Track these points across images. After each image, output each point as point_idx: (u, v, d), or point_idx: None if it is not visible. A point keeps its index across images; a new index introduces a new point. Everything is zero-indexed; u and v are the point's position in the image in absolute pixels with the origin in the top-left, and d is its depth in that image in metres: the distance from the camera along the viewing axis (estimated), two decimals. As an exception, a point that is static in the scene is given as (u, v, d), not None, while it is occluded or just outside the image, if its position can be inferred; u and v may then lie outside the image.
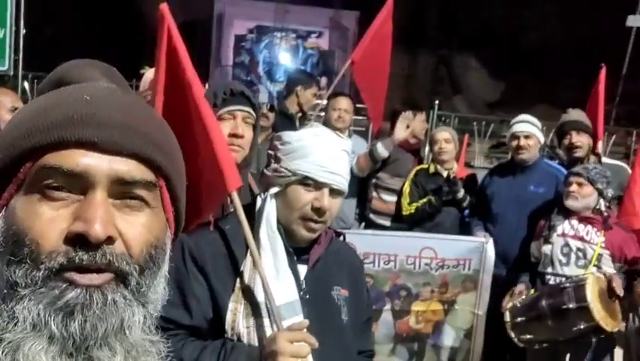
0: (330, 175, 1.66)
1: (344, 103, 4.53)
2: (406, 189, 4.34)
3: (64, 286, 0.65)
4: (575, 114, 4.22)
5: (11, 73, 7.83)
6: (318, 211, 1.66)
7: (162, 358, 0.74)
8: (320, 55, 22.08)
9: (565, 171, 3.83)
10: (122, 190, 0.70)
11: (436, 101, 14.96)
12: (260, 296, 1.66)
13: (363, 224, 4.64)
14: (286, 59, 21.96)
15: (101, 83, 0.78)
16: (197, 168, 1.87)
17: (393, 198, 4.46)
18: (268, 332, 1.64)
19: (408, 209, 4.29)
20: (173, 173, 0.77)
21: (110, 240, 0.67)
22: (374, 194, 4.52)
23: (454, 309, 4.01)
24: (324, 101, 4.79)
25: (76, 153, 0.68)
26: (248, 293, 1.66)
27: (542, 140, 4.16)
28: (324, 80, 19.11)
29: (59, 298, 0.65)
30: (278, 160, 1.71)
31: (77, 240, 0.66)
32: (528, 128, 4.03)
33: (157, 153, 0.74)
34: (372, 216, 4.50)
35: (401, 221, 4.35)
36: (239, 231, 1.72)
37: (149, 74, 4.16)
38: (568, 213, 3.56)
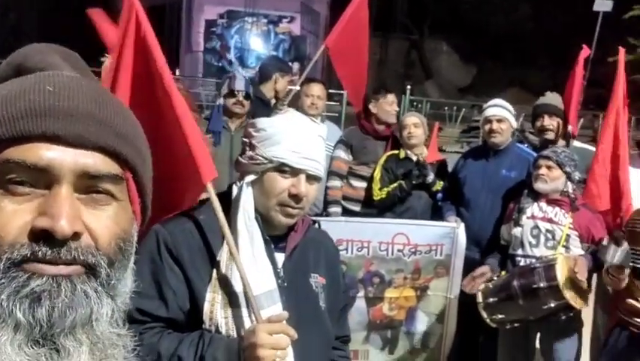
0: (306, 161, 1.65)
1: (317, 89, 4.52)
2: (377, 174, 4.36)
3: (27, 275, 0.64)
4: (550, 98, 4.26)
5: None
6: (296, 198, 1.64)
7: (129, 352, 0.74)
8: (292, 40, 21.94)
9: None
10: (88, 184, 0.69)
11: (408, 86, 15.00)
12: (237, 286, 1.64)
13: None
14: (258, 45, 21.77)
15: (65, 72, 0.75)
16: (171, 161, 1.83)
17: (362, 184, 4.48)
18: (246, 321, 1.63)
19: (379, 194, 4.31)
20: (140, 164, 0.76)
21: (76, 235, 0.66)
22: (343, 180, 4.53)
23: (427, 295, 4.04)
24: (297, 88, 4.77)
25: (40, 147, 0.66)
26: (225, 283, 1.65)
27: (515, 124, 4.20)
28: (296, 66, 19.01)
29: (24, 287, 0.63)
30: (253, 147, 1.69)
31: (42, 235, 0.64)
32: (500, 112, 4.07)
33: (123, 146, 0.72)
34: (342, 202, 4.51)
35: (371, 206, 4.37)
36: (215, 220, 1.70)
37: (108, 62, 4.11)
38: (537, 196, 3.62)
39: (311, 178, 1.68)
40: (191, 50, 21.90)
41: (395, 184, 4.26)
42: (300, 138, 1.66)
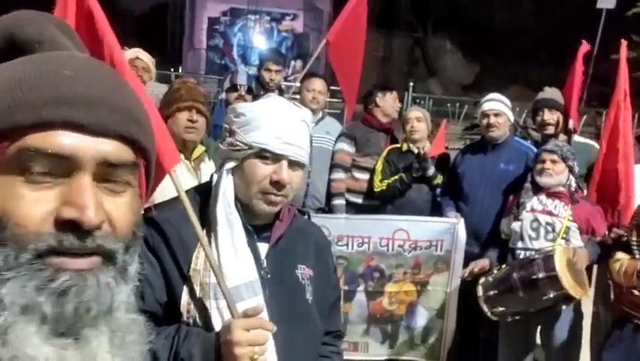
0: (287, 146, 1.56)
1: (318, 84, 4.54)
2: (379, 167, 4.38)
3: (53, 270, 0.63)
4: (550, 92, 4.25)
5: None
6: (278, 185, 1.57)
7: (144, 338, 0.74)
8: (294, 37, 21.96)
9: (535, 150, 3.87)
10: (107, 172, 0.68)
11: (411, 83, 15.00)
12: (215, 277, 1.58)
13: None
14: (260, 42, 21.79)
15: (76, 53, 0.74)
16: None
17: (365, 176, 4.50)
18: (225, 313, 1.54)
19: (379, 186, 4.33)
20: (151, 150, 0.76)
21: (99, 224, 0.66)
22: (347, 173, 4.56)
23: (427, 290, 4.06)
24: (298, 83, 4.79)
25: (62, 135, 0.65)
26: (203, 274, 1.58)
27: (512, 118, 4.20)
28: (299, 63, 19.04)
29: (51, 282, 0.63)
30: (232, 133, 1.61)
31: (68, 225, 0.64)
32: (497, 106, 4.06)
33: (140, 132, 0.72)
34: (346, 194, 4.53)
35: (373, 198, 4.40)
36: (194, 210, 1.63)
37: (128, 54, 4.15)
38: (536, 190, 3.63)
39: (294, 164, 1.60)
40: (194, 48, 21.95)
41: (396, 176, 4.28)
42: (281, 123, 1.57)
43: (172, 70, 16.84)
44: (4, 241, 0.62)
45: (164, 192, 1.83)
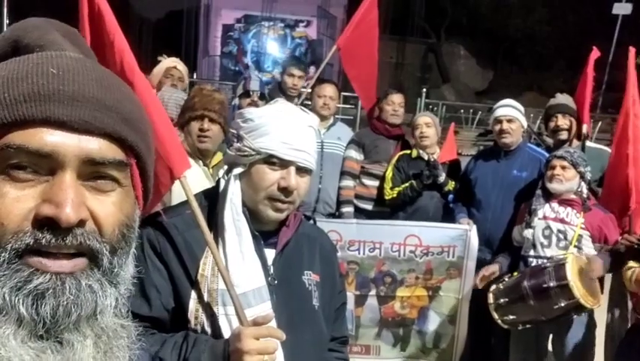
0: (295, 152, 1.55)
1: (329, 90, 4.54)
2: (389, 174, 4.37)
3: (30, 271, 0.62)
4: (562, 98, 4.22)
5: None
6: (285, 191, 1.55)
7: (133, 342, 0.73)
8: (308, 44, 22.01)
9: (548, 156, 3.86)
10: (93, 170, 0.67)
11: (424, 89, 14.97)
12: (223, 284, 1.56)
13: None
14: (274, 49, 21.87)
15: (67, 53, 0.72)
16: None
17: (374, 183, 4.49)
18: (234, 320, 1.53)
19: (390, 194, 4.32)
20: (145, 150, 0.74)
21: (81, 222, 0.64)
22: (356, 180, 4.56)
23: (439, 295, 4.05)
24: (309, 90, 4.80)
25: (44, 132, 0.64)
26: (211, 280, 1.56)
27: (525, 124, 4.17)
28: (312, 70, 19.04)
29: (27, 283, 0.62)
30: (240, 139, 1.59)
31: (46, 223, 0.62)
32: (510, 112, 4.04)
33: (129, 131, 0.71)
34: (355, 200, 4.53)
35: (384, 205, 4.38)
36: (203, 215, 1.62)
37: (167, 62, 4.21)
38: (548, 197, 3.60)
39: (302, 171, 1.59)
40: (209, 54, 22.08)
41: (406, 184, 4.26)
42: (289, 129, 1.56)
43: (186, 76, 16.92)
44: None
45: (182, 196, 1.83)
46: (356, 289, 3.99)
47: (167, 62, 4.24)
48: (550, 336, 3.64)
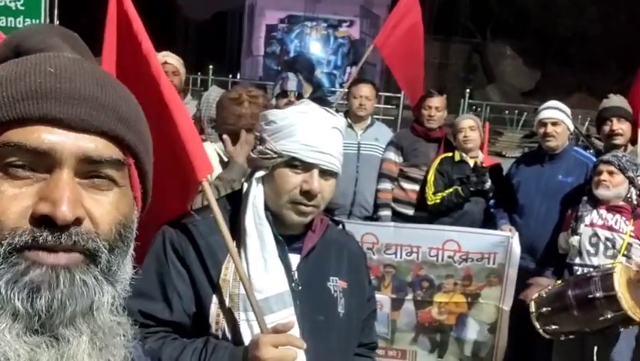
0: (318, 155, 1.52)
1: (365, 90, 4.49)
2: (431, 178, 4.27)
3: (27, 263, 0.63)
4: (616, 100, 4.07)
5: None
6: (308, 194, 1.52)
7: (129, 340, 0.72)
8: (351, 44, 22.00)
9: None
10: (90, 169, 0.68)
11: (467, 90, 14.72)
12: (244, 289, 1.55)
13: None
14: (317, 49, 21.95)
15: (65, 54, 0.74)
16: (165, 156, 1.68)
17: (412, 187, 4.42)
18: (255, 326, 1.51)
19: (433, 199, 4.22)
20: (142, 150, 0.75)
21: (77, 220, 0.65)
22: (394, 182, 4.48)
23: (479, 303, 3.94)
24: (345, 90, 4.77)
25: (41, 130, 0.65)
26: (233, 285, 1.55)
27: (572, 127, 4.04)
28: (355, 70, 19.04)
29: (23, 275, 0.62)
30: (263, 141, 1.58)
31: (42, 220, 0.63)
32: (556, 114, 3.92)
33: (126, 131, 0.71)
34: (392, 204, 4.46)
35: (424, 210, 4.30)
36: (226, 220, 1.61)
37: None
38: (596, 203, 3.48)
39: (326, 173, 1.55)
40: (252, 54, 22.34)
41: (450, 189, 4.16)
42: (312, 131, 1.53)
43: (230, 76, 17.22)
44: None
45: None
46: (392, 292, 3.93)
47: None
48: (596, 348, 3.49)
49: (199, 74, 15.38)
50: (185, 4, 29.11)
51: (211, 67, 13.37)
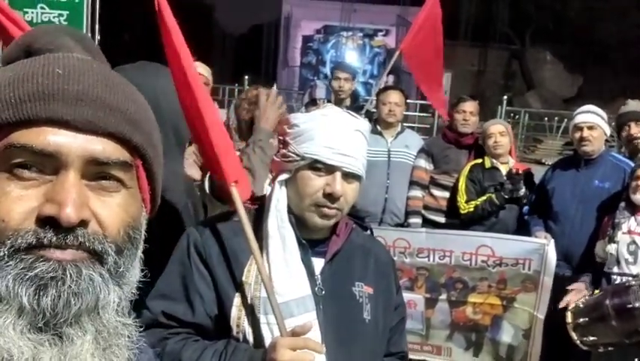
0: (340, 157, 1.52)
1: (394, 96, 4.48)
2: (462, 185, 4.21)
3: (33, 258, 0.63)
4: (634, 105, 4.07)
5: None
6: (331, 197, 1.52)
7: (133, 342, 0.72)
8: (387, 53, 21.92)
9: (634, 166, 3.61)
10: (97, 171, 0.68)
11: (504, 97, 14.47)
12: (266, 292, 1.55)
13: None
14: (353, 58, 21.94)
15: (75, 54, 0.74)
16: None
17: (443, 194, 4.38)
18: (275, 329, 1.51)
19: (466, 208, 4.16)
20: (150, 152, 0.74)
21: (83, 222, 0.64)
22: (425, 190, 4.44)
23: (514, 307, 3.87)
24: (374, 98, 4.76)
25: (48, 132, 0.65)
26: (254, 288, 1.55)
27: (608, 131, 3.94)
28: (391, 79, 18.93)
29: (30, 270, 0.62)
30: (286, 145, 1.59)
31: (48, 222, 0.63)
32: (592, 118, 3.84)
33: (134, 132, 0.71)
34: (423, 211, 4.41)
35: (456, 217, 4.24)
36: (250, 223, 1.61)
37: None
38: (634, 209, 3.37)
39: (348, 176, 1.55)
40: (288, 65, 22.50)
41: (484, 197, 4.09)
42: (334, 133, 1.53)
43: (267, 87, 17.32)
44: None
45: None
46: (426, 292, 3.93)
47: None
48: (637, 360, 3.36)
49: (236, 85, 15.56)
50: (220, 18, 29.70)
51: (247, 77, 13.49)
